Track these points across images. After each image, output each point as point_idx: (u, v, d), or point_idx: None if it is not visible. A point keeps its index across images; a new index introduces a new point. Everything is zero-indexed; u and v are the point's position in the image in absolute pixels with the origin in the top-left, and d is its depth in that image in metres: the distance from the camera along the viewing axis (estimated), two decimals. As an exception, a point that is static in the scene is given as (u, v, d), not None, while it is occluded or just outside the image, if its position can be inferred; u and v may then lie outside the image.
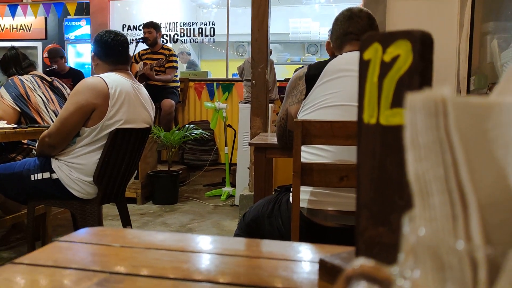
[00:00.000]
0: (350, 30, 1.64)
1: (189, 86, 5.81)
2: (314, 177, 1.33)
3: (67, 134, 2.09)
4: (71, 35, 8.29)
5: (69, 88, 3.08)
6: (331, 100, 1.50)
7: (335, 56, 1.61)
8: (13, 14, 6.41)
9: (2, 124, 2.42)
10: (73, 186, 2.12)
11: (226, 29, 6.45)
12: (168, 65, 5.16)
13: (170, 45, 6.20)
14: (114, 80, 2.11)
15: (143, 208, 4.11)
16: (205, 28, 6.50)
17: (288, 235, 1.40)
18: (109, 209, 3.65)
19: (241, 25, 6.70)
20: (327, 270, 0.44)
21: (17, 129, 2.39)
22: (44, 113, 2.79)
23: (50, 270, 0.46)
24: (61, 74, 5.41)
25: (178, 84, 5.43)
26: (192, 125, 4.67)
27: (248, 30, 3.68)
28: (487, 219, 0.21)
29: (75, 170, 2.11)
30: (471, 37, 3.89)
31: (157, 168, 4.63)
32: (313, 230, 1.45)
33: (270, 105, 3.90)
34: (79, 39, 8.20)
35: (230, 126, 4.88)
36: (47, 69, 5.62)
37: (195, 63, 7.39)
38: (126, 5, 6.71)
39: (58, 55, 5.57)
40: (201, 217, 3.83)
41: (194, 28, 6.54)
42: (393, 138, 0.40)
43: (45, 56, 6.27)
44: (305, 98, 1.57)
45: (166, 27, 6.52)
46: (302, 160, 1.35)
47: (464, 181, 0.20)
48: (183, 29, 6.56)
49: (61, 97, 2.98)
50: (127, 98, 2.13)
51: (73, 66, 6.43)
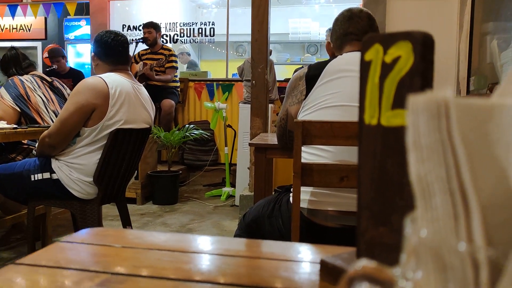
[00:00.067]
0: (350, 31, 1.64)
1: (189, 86, 5.81)
2: (315, 177, 1.33)
3: (67, 134, 2.09)
4: (71, 35, 8.29)
5: (69, 88, 3.08)
6: (331, 101, 1.50)
7: (335, 57, 1.61)
8: (13, 14, 6.41)
9: (2, 124, 2.42)
10: (73, 186, 2.12)
11: (226, 29, 6.45)
12: (168, 65, 5.16)
13: (170, 45, 6.20)
14: (114, 80, 2.11)
15: (143, 208, 4.11)
16: (205, 28, 6.50)
17: (289, 235, 1.40)
18: (109, 209, 3.65)
19: (241, 25, 6.71)
20: (328, 270, 0.44)
21: (17, 129, 2.39)
22: (44, 113, 2.79)
23: (51, 271, 0.46)
24: (61, 74, 5.41)
25: (178, 84, 5.43)
26: (192, 125, 4.67)
27: (248, 30, 3.68)
28: (489, 220, 0.21)
29: (75, 170, 2.11)
30: (470, 37, 3.89)
31: (157, 168, 4.64)
32: (313, 231, 1.46)
33: (270, 105, 3.90)
34: (79, 39, 8.20)
35: (230, 126, 4.88)
36: (47, 69, 5.62)
37: (196, 63, 7.39)
38: (126, 5, 6.71)
39: (59, 54, 5.58)
40: (201, 217, 3.83)
41: (194, 28, 6.54)
42: (394, 139, 0.40)
43: (46, 56, 6.26)
44: (305, 99, 1.57)
45: (166, 27, 6.52)
46: (302, 160, 1.35)
47: (466, 182, 0.20)
48: (183, 29, 6.57)
49: (61, 97, 2.98)
50: (127, 98, 2.13)
51: (73, 66, 6.43)
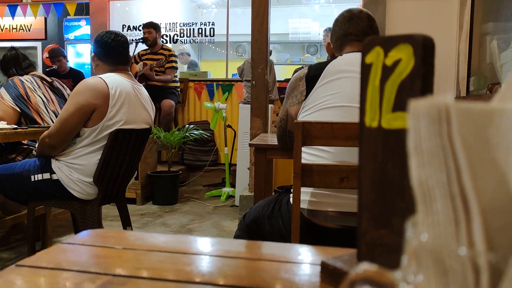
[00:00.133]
0: (350, 31, 1.64)
1: (189, 87, 5.81)
2: (315, 178, 1.33)
3: (67, 135, 2.09)
4: (71, 35, 8.29)
5: (70, 89, 3.08)
6: (331, 101, 1.50)
7: (335, 57, 1.61)
8: (12, 14, 6.41)
9: (2, 125, 2.42)
10: (73, 186, 2.12)
11: (226, 29, 6.46)
12: (168, 65, 5.16)
13: (169, 45, 6.21)
14: (114, 80, 2.11)
15: (143, 209, 4.11)
16: (205, 28, 6.50)
17: (289, 236, 1.40)
18: (109, 210, 3.65)
19: (241, 26, 6.71)
20: (329, 272, 0.44)
21: (17, 130, 2.39)
22: (44, 114, 2.79)
23: (52, 273, 0.46)
24: (62, 75, 5.42)
25: (178, 84, 5.43)
26: (192, 126, 4.67)
27: (248, 31, 3.68)
28: (490, 224, 0.21)
29: (75, 170, 2.11)
30: (470, 37, 3.89)
31: (157, 168, 4.64)
32: (313, 231, 1.46)
33: (270, 106, 3.90)
34: (79, 39, 8.20)
35: (230, 126, 4.88)
36: (47, 69, 5.62)
37: (196, 64, 7.39)
38: (125, 5, 6.71)
39: (60, 54, 5.59)
40: (201, 218, 3.83)
41: (194, 29, 6.54)
42: (395, 141, 0.40)
43: (46, 56, 6.27)
44: (305, 99, 1.57)
45: (166, 28, 6.52)
46: (303, 161, 1.35)
47: (466, 187, 0.21)
48: (183, 29, 6.57)
49: (61, 98, 2.98)
50: (127, 98, 2.13)
51: (73, 66, 6.43)
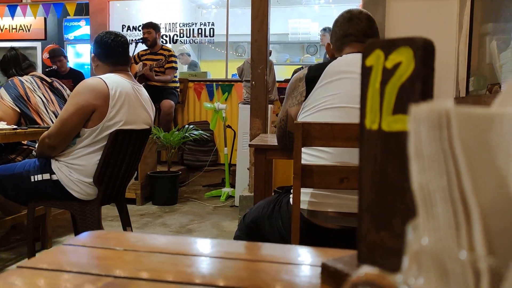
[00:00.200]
0: (350, 32, 1.64)
1: (188, 87, 5.81)
2: (315, 179, 1.33)
3: (67, 135, 2.09)
4: (71, 36, 8.29)
5: (69, 89, 3.08)
6: (331, 102, 1.50)
7: (335, 58, 1.62)
8: (12, 14, 6.40)
9: (2, 125, 2.42)
10: (73, 187, 2.12)
11: (225, 29, 6.46)
12: (168, 65, 5.16)
13: (169, 45, 6.21)
14: (114, 81, 2.12)
15: (143, 209, 4.11)
16: (205, 28, 6.50)
17: (288, 236, 1.40)
18: (108, 210, 3.65)
19: (241, 26, 6.72)
20: (330, 274, 0.45)
21: (17, 130, 2.39)
22: (44, 114, 2.79)
23: (54, 274, 0.46)
24: (61, 75, 5.42)
25: (178, 84, 5.43)
26: (191, 126, 4.67)
27: (248, 31, 3.68)
28: (490, 227, 0.22)
29: (75, 171, 2.11)
30: (470, 38, 3.90)
31: (156, 168, 4.64)
32: (313, 232, 1.46)
33: (270, 106, 3.90)
34: (79, 40, 8.20)
35: (229, 126, 4.89)
36: (46, 69, 5.62)
37: (196, 64, 7.39)
38: (125, 5, 6.71)
39: (61, 54, 5.60)
40: (201, 218, 3.83)
41: (193, 29, 6.54)
42: (395, 144, 0.40)
43: (47, 56, 6.27)
44: (305, 100, 1.57)
45: (165, 28, 6.52)
46: (302, 161, 1.36)
47: (467, 192, 0.21)
48: (183, 29, 6.57)
49: (61, 98, 2.98)
50: (127, 99, 2.13)
51: (72, 66, 6.43)
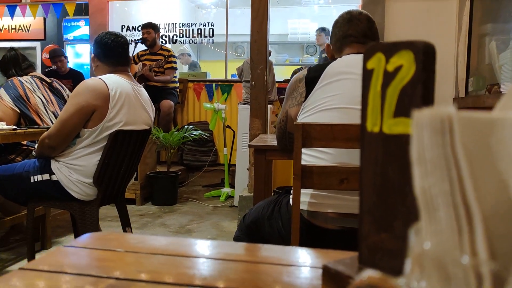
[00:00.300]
0: (349, 33, 1.65)
1: (188, 87, 5.82)
2: (314, 179, 1.33)
3: (67, 136, 2.09)
4: (70, 36, 8.29)
5: (69, 89, 3.08)
6: (330, 103, 1.51)
7: (335, 59, 1.62)
8: (11, 14, 6.40)
9: (2, 125, 2.42)
10: (73, 187, 2.12)
11: (225, 29, 6.46)
12: (167, 66, 5.16)
13: (169, 45, 6.21)
14: (114, 81, 2.12)
15: (142, 209, 4.11)
16: (204, 29, 6.51)
17: (288, 237, 1.40)
18: (108, 210, 3.65)
19: (240, 26, 6.72)
20: (331, 276, 0.45)
21: (17, 130, 2.39)
22: (44, 114, 2.79)
23: (55, 276, 0.46)
24: (61, 75, 5.42)
25: (177, 85, 5.43)
26: (191, 126, 4.67)
27: (247, 31, 3.68)
28: (492, 230, 0.22)
29: (75, 171, 2.11)
30: (469, 38, 3.90)
31: (156, 169, 4.64)
32: (313, 232, 1.46)
33: (269, 106, 3.90)
34: (78, 40, 8.20)
35: (229, 127, 4.89)
36: (46, 69, 5.62)
37: (196, 64, 7.39)
38: (125, 5, 6.71)
39: (62, 53, 5.61)
40: (200, 218, 3.83)
41: (193, 29, 6.54)
42: (396, 146, 0.40)
43: (47, 56, 6.27)
44: (305, 101, 1.58)
45: (165, 28, 6.52)
46: (302, 162, 1.36)
47: (469, 196, 0.21)
48: (182, 29, 6.57)
49: (61, 98, 2.98)
50: (127, 99, 2.13)
51: (72, 66, 6.43)
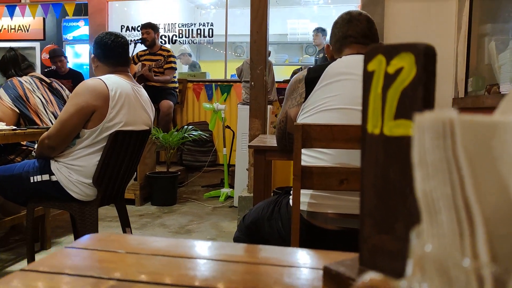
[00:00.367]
0: (349, 34, 1.65)
1: (187, 87, 5.82)
2: (314, 180, 1.34)
3: (66, 136, 2.09)
4: (69, 36, 8.29)
5: (69, 89, 3.08)
6: (330, 103, 1.51)
7: (335, 59, 1.62)
8: (11, 14, 6.40)
9: (1, 126, 2.42)
10: (73, 188, 2.12)
11: (224, 30, 6.46)
12: (167, 66, 5.16)
13: (168, 46, 6.21)
14: (114, 82, 2.12)
15: (142, 209, 4.11)
16: (204, 29, 6.51)
17: (288, 237, 1.41)
18: (107, 211, 3.65)
19: (240, 26, 6.72)
20: (332, 277, 0.45)
21: (16, 131, 2.39)
22: (43, 115, 2.79)
23: (57, 278, 0.46)
24: (61, 75, 5.42)
25: (177, 85, 5.43)
26: (190, 126, 4.67)
27: (246, 31, 3.68)
28: (493, 233, 0.22)
29: (75, 172, 2.11)
30: (469, 39, 3.91)
31: (155, 169, 4.64)
32: (313, 233, 1.46)
33: (269, 107, 3.90)
34: (78, 40, 8.20)
35: (228, 127, 4.89)
36: (45, 69, 5.62)
37: (196, 65, 7.39)
38: (124, 5, 6.71)
39: (62, 54, 5.62)
40: (200, 218, 3.83)
41: (192, 29, 6.55)
42: (397, 148, 0.41)
43: (47, 56, 6.27)
44: (304, 101, 1.58)
45: (164, 28, 6.53)
46: (302, 163, 1.36)
47: (470, 199, 0.21)
48: (182, 30, 6.57)
49: (60, 99, 2.98)
50: (127, 100, 2.13)
51: (71, 66, 6.43)
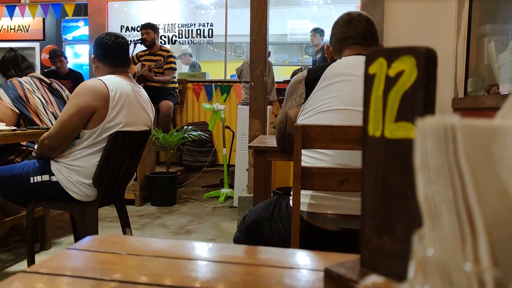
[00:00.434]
0: (349, 34, 1.65)
1: (187, 88, 5.82)
2: (314, 181, 1.34)
3: (67, 136, 2.10)
4: (69, 36, 8.29)
5: (68, 90, 3.08)
6: (330, 104, 1.51)
7: (335, 60, 1.62)
8: (11, 14, 6.40)
9: (1, 126, 2.42)
10: (73, 188, 2.12)
11: (224, 30, 6.46)
12: (167, 66, 5.16)
13: (168, 46, 6.21)
14: (114, 82, 2.12)
15: (142, 210, 4.11)
16: (203, 29, 6.51)
17: (288, 238, 1.41)
18: (107, 211, 3.65)
19: (239, 26, 6.72)
20: (332, 279, 0.45)
21: (16, 131, 2.39)
22: (43, 115, 2.79)
23: (59, 279, 0.47)
24: (61, 76, 5.42)
25: (176, 85, 5.44)
26: (190, 127, 4.67)
27: (246, 31, 3.69)
28: (494, 238, 0.22)
29: (75, 172, 2.11)
30: (468, 39, 3.91)
31: (155, 169, 4.64)
32: (313, 234, 1.46)
33: (269, 107, 3.90)
34: (77, 40, 8.20)
35: (228, 127, 4.89)
36: (45, 70, 5.62)
37: (196, 65, 7.39)
38: (124, 6, 6.71)
39: (62, 54, 5.62)
40: (200, 219, 3.83)
41: (192, 29, 6.55)
42: (397, 150, 0.41)
43: (47, 56, 6.27)
44: (304, 102, 1.58)
45: (164, 28, 6.53)
46: (302, 164, 1.36)
47: (472, 204, 0.21)
48: (181, 30, 6.58)
49: (60, 99, 2.98)
50: (127, 100, 2.13)
51: (71, 67, 6.43)
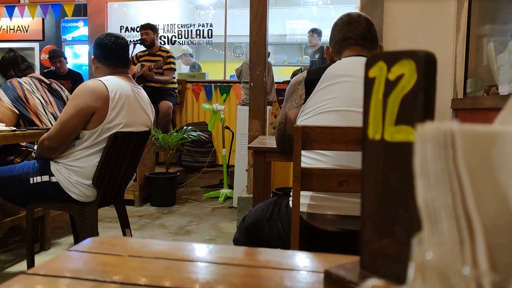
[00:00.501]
0: (349, 35, 1.65)
1: (186, 88, 5.82)
2: (314, 182, 1.34)
3: (66, 137, 2.10)
4: (69, 36, 8.29)
5: (68, 90, 3.08)
6: (330, 105, 1.51)
7: (334, 61, 1.62)
8: (10, 15, 6.40)
9: (1, 127, 2.42)
10: (72, 189, 2.12)
11: (223, 30, 6.47)
12: (166, 67, 5.16)
13: (167, 46, 6.21)
14: (114, 83, 2.12)
15: (141, 210, 4.12)
16: (203, 29, 6.51)
17: (288, 239, 1.41)
18: (107, 211, 3.65)
19: (239, 27, 6.73)
20: (332, 280, 0.45)
21: (16, 132, 2.40)
22: (43, 116, 2.79)
23: (60, 281, 0.47)
24: (60, 76, 5.42)
25: (176, 85, 5.44)
26: (190, 127, 4.68)
27: (246, 32, 3.69)
28: (492, 242, 0.22)
29: (74, 173, 2.11)
30: (467, 40, 3.92)
31: (155, 170, 4.64)
32: (312, 234, 1.47)
33: (268, 108, 3.90)
34: (77, 40, 8.20)
35: (228, 128, 4.89)
36: (45, 70, 5.63)
37: (197, 65, 7.39)
38: (123, 6, 6.72)
39: (61, 54, 5.62)
40: (199, 219, 3.84)
41: (191, 30, 6.55)
42: (397, 154, 0.41)
43: (47, 57, 6.27)
44: (304, 103, 1.58)
45: (163, 29, 6.53)
46: (302, 165, 1.36)
47: (470, 209, 0.22)
48: (181, 30, 6.58)
49: (60, 100, 2.98)
50: (127, 101, 2.13)
51: (70, 67, 6.43)
